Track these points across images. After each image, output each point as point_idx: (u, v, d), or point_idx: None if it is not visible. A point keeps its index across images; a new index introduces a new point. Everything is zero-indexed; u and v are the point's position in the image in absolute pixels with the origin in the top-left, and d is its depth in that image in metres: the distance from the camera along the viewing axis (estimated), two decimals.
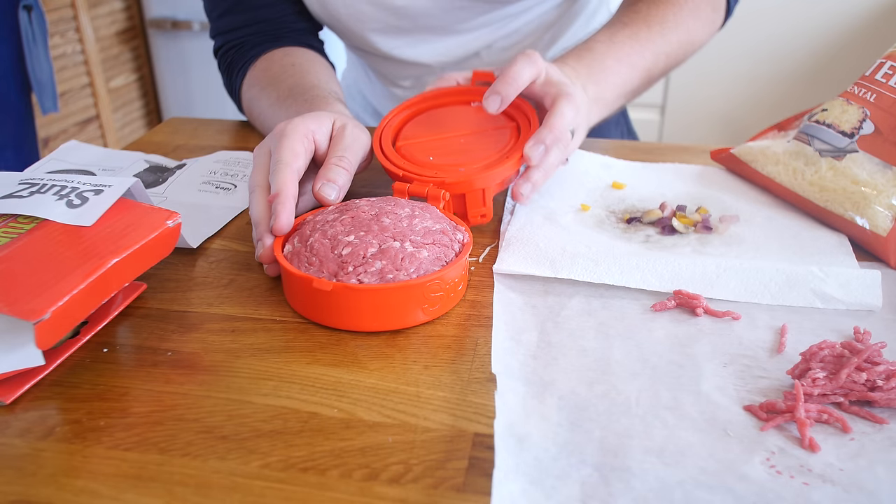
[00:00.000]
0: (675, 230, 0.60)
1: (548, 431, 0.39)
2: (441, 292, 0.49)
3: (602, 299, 0.51)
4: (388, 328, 0.48)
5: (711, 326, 0.49)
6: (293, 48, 0.80)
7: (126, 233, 0.48)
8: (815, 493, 0.36)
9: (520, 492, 0.35)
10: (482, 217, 0.60)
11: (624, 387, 0.43)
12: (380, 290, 0.46)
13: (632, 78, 0.72)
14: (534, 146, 0.59)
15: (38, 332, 0.40)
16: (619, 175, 0.70)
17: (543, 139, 0.59)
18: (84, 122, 2.18)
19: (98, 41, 2.19)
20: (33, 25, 1.43)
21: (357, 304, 0.47)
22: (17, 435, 0.40)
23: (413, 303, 0.47)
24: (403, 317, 0.48)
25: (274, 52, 0.79)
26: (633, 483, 0.36)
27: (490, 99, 0.61)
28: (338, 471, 0.37)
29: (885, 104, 0.60)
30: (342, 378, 0.44)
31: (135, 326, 0.49)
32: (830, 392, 0.42)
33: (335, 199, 0.55)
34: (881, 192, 0.57)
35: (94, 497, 0.36)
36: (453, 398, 0.42)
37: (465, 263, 0.52)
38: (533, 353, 0.46)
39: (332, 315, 0.48)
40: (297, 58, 0.78)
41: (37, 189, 0.51)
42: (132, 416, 0.41)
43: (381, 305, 0.47)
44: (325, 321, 0.48)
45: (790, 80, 2.23)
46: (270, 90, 0.74)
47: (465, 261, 0.51)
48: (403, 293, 0.47)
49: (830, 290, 0.51)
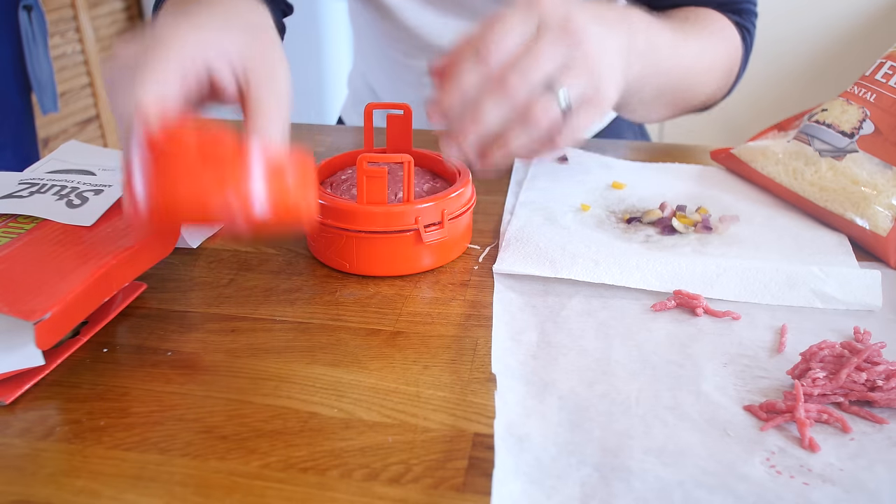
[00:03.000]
0: (675, 230, 0.60)
1: (548, 431, 0.39)
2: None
3: (602, 299, 0.51)
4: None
5: (711, 326, 0.49)
6: None
7: (126, 233, 0.48)
8: (815, 493, 0.36)
9: (520, 492, 0.35)
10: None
11: (624, 387, 0.43)
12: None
13: (684, 55, 0.62)
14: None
15: (38, 332, 0.40)
16: (619, 175, 0.70)
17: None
18: (84, 122, 2.18)
19: (98, 41, 2.19)
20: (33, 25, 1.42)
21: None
22: (17, 435, 0.40)
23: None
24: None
25: None
26: (633, 483, 0.36)
27: (429, 108, 0.49)
28: (338, 471, 0.37)
29: (885, 104, 0.60)
30: (342, 378, 0.44)
31: (135, 326, 0.49)
32: (830, 392, 0.42)
33: None
34: (881, 192, 0.57)
35: (94, 497, 0.36)
36: (453, 398, 0.42)
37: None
38: (533, 353, 0.46)
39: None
40: None
41: (37, 189, 0.51)
42: (132, 416, 0.41)
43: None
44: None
45: (790, 80, 2.23)
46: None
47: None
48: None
49: (830, 290, 0.51)
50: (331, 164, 0.60)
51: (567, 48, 0.46)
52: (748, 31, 0.75)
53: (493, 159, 0.48)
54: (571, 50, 0.46)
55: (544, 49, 0.46)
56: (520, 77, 0.45)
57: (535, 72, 0.45)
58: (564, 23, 0.46)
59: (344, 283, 0.54)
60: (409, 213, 0.52)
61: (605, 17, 0.51)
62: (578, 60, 0.47)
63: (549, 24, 0.47)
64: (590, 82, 0.47)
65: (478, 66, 0.46)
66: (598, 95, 0.48)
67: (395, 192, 0.55)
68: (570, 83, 0.47)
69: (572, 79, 0.47)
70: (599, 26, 0.48)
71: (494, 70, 0.46)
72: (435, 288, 0.53)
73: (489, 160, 0.48)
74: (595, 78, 0.48)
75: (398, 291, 0.53)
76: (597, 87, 0.48)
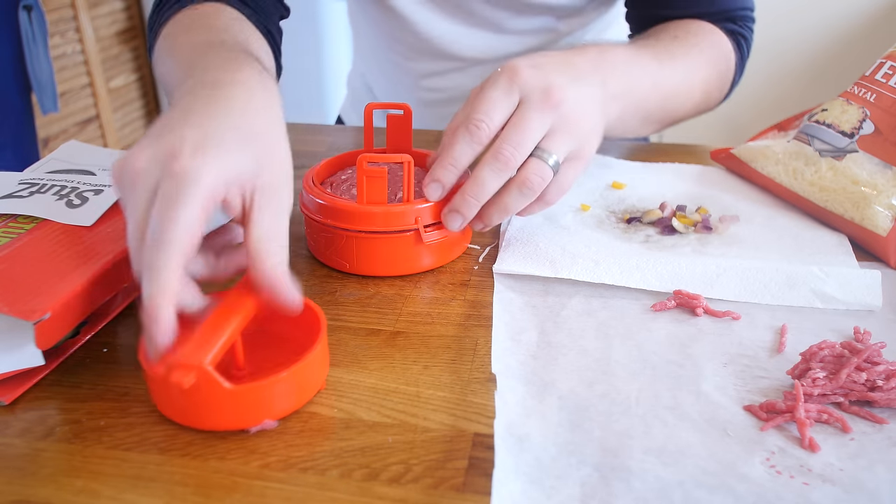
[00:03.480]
0: (675, 230, 0.60)
1: (548, 431, 0.39)
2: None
3: (602, 299, 0.51)
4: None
5: (711, 326, 0.49)
6: (228, 7, 0.62)
7: (126, 233, 0.48)
8: (815, 493, 0.36)
9: (520, 492, 0.35)
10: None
11: (624, 387, 0.43)
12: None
13: (658, 83, 0.64)
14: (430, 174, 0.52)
15: (38, 332, 0.40)
16: (619, 175, 0.70)
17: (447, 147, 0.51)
18: (84, 122, 2.18)
19: (98, 41, 2.19)
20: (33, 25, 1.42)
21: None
22: (17, 435, 0.40)
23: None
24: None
25: (204, 5, 0.62)
26: (633, 483, 0.36)
27: (431, 187, 0.52)
28: (338, 471, 0.37)
29: (885, 104, 0.60)
30: (342, 378, 0.44)
31: (135, 326, 0.49)
32: (830, 392, 0.42)
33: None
34: (881, 192, 0.57)
35: (94, 497, 0.36)
36: (453, 398, 0.42)
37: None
38: (533, 353, 0.46)
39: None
40: (227, 15, 0.61)
41: (37, 189, 0.51)
42: (132, 416, 0.41)
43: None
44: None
45: (790, 80, 2.23)
46: (181, 37, 0.57)
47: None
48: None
49: (830, 290, 0.51)
50: (331, 164, 0.60)
51: (551, 116, 0.51)
52: (744, 38, 0.75)
53: (491, 221, 0.54)
54: (554, 116, 0.51)
55: (531, 120, 0.51)
56: (513, 149, 0.50)
57: (526, 142, 0.51)
58: (545, 93, 0.51)
59: (344, 284, 0.54)
60: (409, 213, 0.52)
61: (579, 71, 0.55)
62: (562, 124, 0.52)
63: (530, 96, 0.51)
64: (575, 141, 0.53)
65: (472, 143, 0.51)
66: (582, 151, 0.54)
67: (394, 192, 0.55)
68: (557, 147, 0.52)
69: (558, 143, 0.52)
70: (576, 85, 0.53)
71: (485, 145, 0.51)
72: (435, 288, 0.53)
73: (488, 222, 0.54)
74: (578, 137, 0.53)
75: (398, 291, 0.53)
76: (581, 144, 0.54)
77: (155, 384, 0.40)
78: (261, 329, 0.46)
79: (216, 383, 0.37)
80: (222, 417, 0.39)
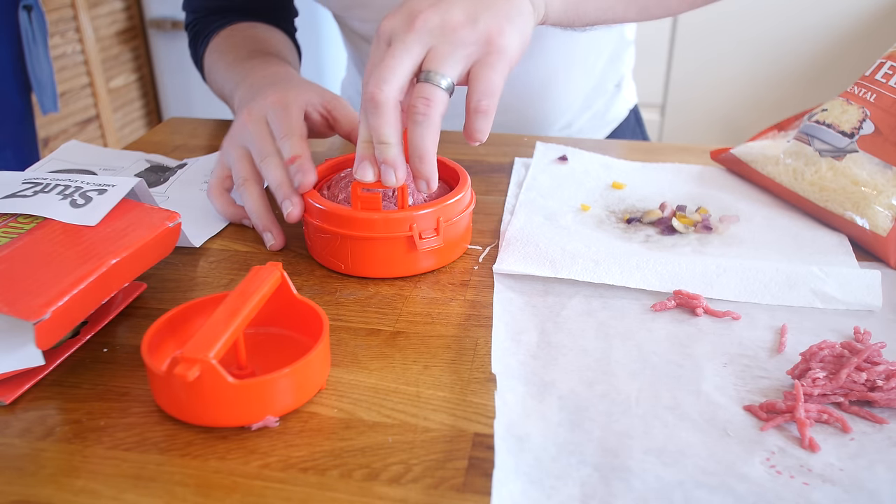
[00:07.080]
0: (675, 230, 0.60)
1: (548, 431, 0.39)
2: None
3: (602, 299, 0.51)
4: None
5: (711, 326, 0.49)
6: (258, 23, 0.83)
7: (126, 233, 0.48)
8: (815, 493, 0.36)
9: (520, 492, 0.35)
10: None
11: (624, 387, 0.43)
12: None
13: None
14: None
15: (38, 332, 0.40)
16: (619, 175, 0.70)
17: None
18: (84, 122, 2.18)
19: (98, 41, 2.19)
20: (33, 25, 1.43)
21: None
22: (17, 435, 0.40)
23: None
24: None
25: (240, 23, 0.82)
26: (633, 483, 0.36)
27: (361, 166, 0.51)
28: (338, 471, 0.37)
29: (885, 104, 0.60)
30: (342, 378, 0.44)
31: (135, 326, 0.49)
32: (830, 392, 0.42)
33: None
34: (881, 192, 0.57)
35: (94, 497, 0.36)
36: (453, 398, 0.42)
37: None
38: (533, 353, 0.46)
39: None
40: (260, 29, 0.81)
41: (40, 189, 0.51)
42: (132, 416, 0.41)
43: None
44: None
45: (790, 80, 2.23)
46: (230, 54, 0.77)
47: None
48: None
49: (830, 290, 0.51)
50: (331, 165, 0.60)
51: (418, 37, 0.47)
52: None
53: (419, 170, 0.49)
54: (425, 36, 0.48)
55: (393, 50, 0.47)
56: (375, 85, 0.47)
57: (389, 73, 0.47)
58: (406, 21, 0.48)
59: (344, 284, 0.54)
60: (404, 221, 0.52)
61: None
62: (439, 38, 0.47)
63: (395, 31, 0.48)
64: (465, 47, 0.48)
65: (372, 114, 0.48)
66: (491, 47, 0.48)
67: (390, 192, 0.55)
68: (441, 62, 0.47)
69: (441, 57, 0.47)
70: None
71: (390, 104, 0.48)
72: (435, 288, 0.53)
73: (418, 171, 0.49)
74: (468, 40, 0.48)
75: (398, 291, 0.53)
76: (479, 44, 0.48)
77: (157, 380, 0.40)
78: (263, 330, 0.46)
79: (220, 377, 0.37)
80: (225, 413, 0.39)
